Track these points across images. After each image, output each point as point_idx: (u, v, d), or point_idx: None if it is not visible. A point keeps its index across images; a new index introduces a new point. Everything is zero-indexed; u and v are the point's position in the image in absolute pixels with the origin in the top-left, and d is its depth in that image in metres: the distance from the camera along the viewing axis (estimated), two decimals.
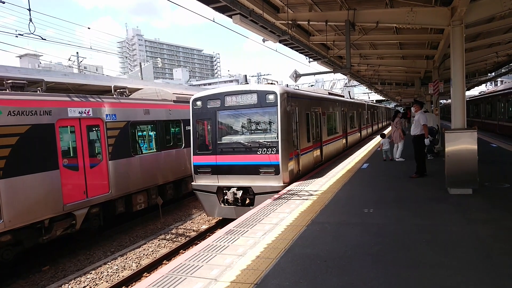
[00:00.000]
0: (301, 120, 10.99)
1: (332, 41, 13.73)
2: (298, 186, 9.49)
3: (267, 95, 9.60)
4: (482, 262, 4.30)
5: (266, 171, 9.55)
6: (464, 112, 7.90)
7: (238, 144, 9.95)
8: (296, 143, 10.43)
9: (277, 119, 9.52)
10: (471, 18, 7.94)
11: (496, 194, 7.52)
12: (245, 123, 10.43)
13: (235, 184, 9.84)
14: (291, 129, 10.01)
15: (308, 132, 11.71)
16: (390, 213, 6.53)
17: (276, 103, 9.47)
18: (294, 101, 10.46)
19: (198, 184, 10.48)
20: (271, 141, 9.52)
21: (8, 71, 11.48)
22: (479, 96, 30.40)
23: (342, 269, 4.34)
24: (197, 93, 10.79)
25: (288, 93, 9.96)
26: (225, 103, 10.11)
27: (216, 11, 8.62)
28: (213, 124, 10.27)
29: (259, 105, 9.71)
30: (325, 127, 14.15)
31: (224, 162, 10.02)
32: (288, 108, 9.82)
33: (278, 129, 9.45)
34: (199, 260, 4.92)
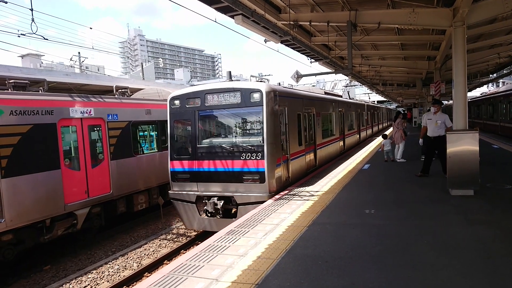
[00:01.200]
0: (292, 122, 10.05)
1: (333, 41, 13.75)
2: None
3: (251, 94, 8.64)
4: (484, 263, 4.29)
5: (250, 178, 8.62)
6: (466, 113, 7.91)
7: (220, 148, 8.99)
8: (286, 147, 9.50)
9: (262, 121, 8.56)
10: (473, 19, 7.94)
11: (497, 195, 7.50)
12: (228, 124, 9.52)
13: (216, 193, 8.95)
14: (279, 131, 9.13)
15: (299, 134, 10.77)
16: (392, 214, 6.53)
17: (261, 103, 8.54)
18: (283, 101, 9.52)
19: (176, 192, 9.52)
20: (256, 145, 8.59)
21: (10, 71, 11.52)
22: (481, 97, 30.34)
23: (343, 270, 4.33)
24: (175, 91, 9.81)
25: (276, 92, 9.00)
26: (206, 102, 9.14)
27: (218, 12, 8.67)
28: (193, 126, 9.28)
29: (243, 105, 8.76)
30: (319, 129, 13.20)
31: (204, 168, 9.07)
32: (276, 108, 8.92)
33: (264, 131, 8.51)
34: (200, 260, 4.92)
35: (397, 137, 13.18)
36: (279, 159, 8.99)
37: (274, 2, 9.70)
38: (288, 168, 9.68)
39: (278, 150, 8.96)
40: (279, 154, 9.00)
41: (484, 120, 27.61)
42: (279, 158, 8.98)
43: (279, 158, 8.99)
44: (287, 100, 9.79)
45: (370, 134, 29.21)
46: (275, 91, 8.93)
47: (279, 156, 8.99)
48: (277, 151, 8.85)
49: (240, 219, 6.91)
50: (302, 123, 11.09)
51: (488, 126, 25.80)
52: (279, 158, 8.99)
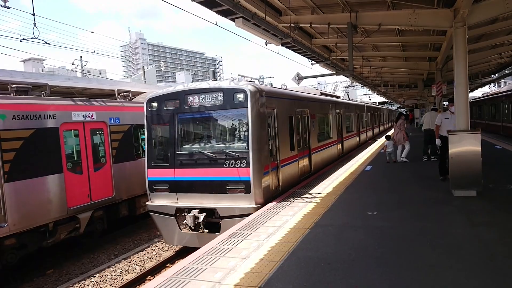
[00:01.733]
0: (282, 125, 9.30)
1: (334, 43, 13.76)
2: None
3: (235, 94, 7.90)
4: (486, 265, 4.28)
5: (234, 188, 7.87)
6: (468, 114, 7.87)
7: (201, 155, 8.20)
8: (275, 153, 8.76)
9: (247, 124, 7.80)
10: (474, 19, 7.93)
11: (500, 196, 7.48)
12: (210, 129, 8.80)
13: (197, 204, 8.15)
14: (267, 136, 8.34)
15: (291, 138, 10.02)
16: (394, 216, 6.51)
17: (246, 104, 7.78)
18: (272, 102, 8.76)
19: (154, 205, 8.69)
20: (241, 152, 7.86)
21: (12, 76, 11.56)
22: (483, 98, 30.29)
23: (346, 272, 4.32)
24: (153, 92, 9.10)
25: (263, 92, 8.23)
26: (186, 104, 8.37)
27: (219, 15, 8.68)
28: (171, 130, 8.53)
29: (226, 107, 8.05)
30: (314, 132, 12.43)
31: (184, 177, 8.31)
32: (263, 110, 8.17)
33: (249, 136, 7.76)
34: (203, 263, 4.92)
35: (399, 137, 13.20)
36: (267, 166, 8.21)
37: (275, 5, 9.72)
38: (278, 176, 8.92)
39: (266, 156, 8.18)
40: (267, 161, 8.22)
41: (486, 121, 27.54)
42: (267, 165, 8.18)
43: (267, 165, 8.21)
44: (276, 101, 9.06)
45: (370, 136, 28.51)
46: (261, 91, 8.17)
47: (267, 163, 8.21)
48: (264, 158, 8.08)
49: (243, 221, 6.88)
50: (294, 126, 10.37)
51: (490, 127, 25.73)
52: (267, 165, 8.21)
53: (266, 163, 8.13)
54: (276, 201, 8.18)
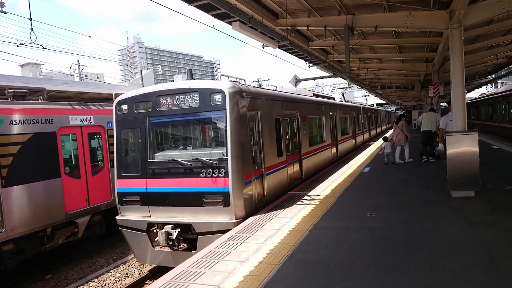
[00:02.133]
0: (268, 129, 8.57)
1: (331, 45, 13.83)
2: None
3: (212, 95, 7.17)
4: (485, 265, 4.28)
5: (212, 201, 7.11)
6: (465, 115, 7.91)
7: (175, 163, 7.40)
8: (260, 160, 7.98)
9: (226, 129, 7.06)
10: (470, 20, 7.98)
11: (498, 196, 7.49)
12: (185, 134, 8.15)
13: (170, 219, 7.36)
14: (250, 141, 7.58)
15: (279, 143, 9.27)
16: (393, 217, 6.52)
17: (224, 106, 7.06)
18: (256, 104, 8.06)
19: (124, 219, 7.85)
20: (218, 159, 7.10)
21: (9, 80, 11.56)
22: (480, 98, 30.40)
23: (345, 274, 4.32)
24: (123, 94, 8.26)
25: (243, 93, 7.50)
26: (158, 106, 7.63)
27: (216, 18, 8.72)
28: (143, 136, 7.76)
29: (202, 109, 7.29)
30: (306, 135, 11.70)
31: (157, 189, 7.53)
32: (245, 112, 7.44)
33: (228, 142, 7.00)
34: (202, 267, 4.91)
35: (399, 139, 13.22)
36: (250, 175, 7.43)
37: (271, 8, 9.75)
38: (263, 185, 8.09)
39: (248, 164, 7.40)
40: (250, 169, 7.45)
41: (483, 121, 27.64)
42: (249, 174, 7.41)
43: (250, 174, 7.43)
44: (260, 102, 8.34)
45: (367, 138, 27.86)
46: (242, 92, 7.47)
47: (250, 171, 7.44)
48: (246, 166, 7.31)
49: (242, 224, 6.84)
50: (282, 129, 9.64)
51: (487, 127, 25.82)
52: (250, 174, 7.43)
53: (248, 172, 7.36)
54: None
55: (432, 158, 12.80)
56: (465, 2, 7.26)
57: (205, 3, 7.86)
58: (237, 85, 7.60)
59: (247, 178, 7.30)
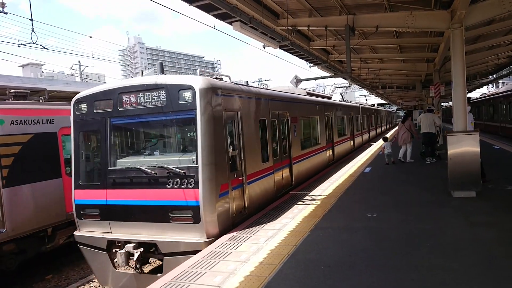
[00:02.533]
0: (250, 131, 7.67)
1: (332, 46, 13.81)
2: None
3: (180, 92, 6.23)
4: (486, 266, 4.27)
5: (179, 216, 6.19)
6: (466, 115, 7.89)
7: (138, 171, 6.46)
8: (240, 167, 7.09)
9: (196, 131, 6.14)
10: (471, 20, 7.96)
11: (499, 196, 7.48)
12: (150, 137, 7.19)
13: (133, 237, 6.41)
14: (226, 146, 6.62)
15: (264, 147, 8.42)
16: (393, 217, 6.51)
17: (194, 105, 6.12)
18: (234, 102, 7.16)
19: (82, 235, 6.94)
20: (187, 168, 6.14)
21: (10, 81, 11.57)
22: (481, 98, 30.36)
23: (346, 274, 4.31)
24: (82, 92, 7.28)
25: (218, 89, 6.55)
26: (120, 105, 6.68)
27: (216, 18, 8.72)
28: (103, 140, 6.84)
29: (170, 108, 6.33)
30: (297, 138, 10.81)
31: (118, 201, 6.62)
32: (219, 112, 6.50)
33: (198, 147, 6.07)
34: (202, 267, 4.90)
35: (405, 138, 13.28)
36: (226, 185, 6.51)
37: (272, 8, 9.74)
38: (243, 196, 7.20)
39: (224, 172, 6.46)
40: (226, 178, 6.50)
41: (484, 121, 27.60)
42: (225, 184, 6.47)
43: (226, 184, 6.51)
44: (241, 101, 7.43)
45: (366, 139, 26.80)
46: (216, 89, 6.52)
47: (226, 180, 6.50)
48: (221, 174, 6.37)
49: (243, 225, 6.83)
50: (268, 132, 8.70)
51: (488, 127, 25.78)
52: (226, 184, 6.51)
53: (223, 181, 6.41)
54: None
55: (433, 159, 12.79)
56: (466, 2, 7.24)
57: (205, 3, 7.85)
58: (211, 80, 6.65)
59: (223, 189, 6.37)
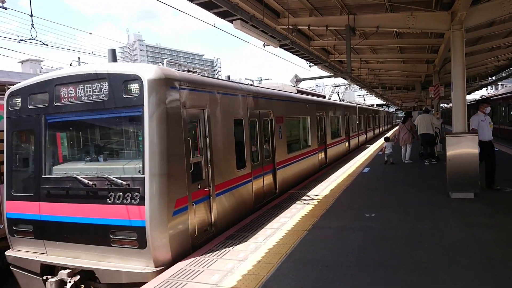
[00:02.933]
0: (222, 133, 6.60)
1: (332, 45, 13.80)
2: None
3: (125, 84, 5.07)
4: (484, 267, 4.28)
5: (122, 239, 5.05)
6: (465, 116, 7.91)
7: (75, 181, 5.34)
8: (206, 176, 6.01)
9: (143, 133, 4.99)
10: (471, 22, 7.97)
11: (498, 198, 7.50)
12: (91, 139, 6.02)
13: (70, 262, 5.27)
14: (186, 150, 5.40)
15: (240, 152, 7.36)
16: (392, 218, 6.51)
17: (141, 100, 4.98)
18: (199, 98, 5.99)
19: (14, 256, 5.84)
20: (132, 178, 5.04)
21: (10, 76, 11.53)
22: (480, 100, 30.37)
23: (343, 274, 4.31)
24: (18, 83, 6.16)
25: (175, 81, 5.38)
26: (57, 99, 5.54)
27: (217, 17, 8.69)
28: (37, 141, 5.75)
29: (113, 104, 5.16)
30: (282, 140, 9.73)
31: (53, 217, 5.50)
32: (177, 109, 5.31)
33: (146, 153, 4.94)
34: (200, 265, 4.90)
35: (405, 138, 13.37)
36: (185, 198, 5.33)
37: (273, 7, 9.73)
38: (210, 211, 6.08)
39: (181, 183, 5.29)
40: (184, 190, 5.34)
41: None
42: (183, 198, 5.29)
43: (184, 198, 5.32)
44: (209, 97, 6.27)
45: (363, 141, 25.68)
46: (172, 80, 5.33)
47: (184, 193, 5.33)
48: (177, 186, 5.20)
49: (241, 223, 6.83)
50: (246, 134, 7.65)
51: None
52: (184, 198, 5.32)
53: (180, 195, 5.25)
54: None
55: (433, 160, 12.81)
56: (467, 4, 7.25)
57: (206, 1, 7.83)
58: (165, 70, 5.43)
59: (179, 204, 5.21)
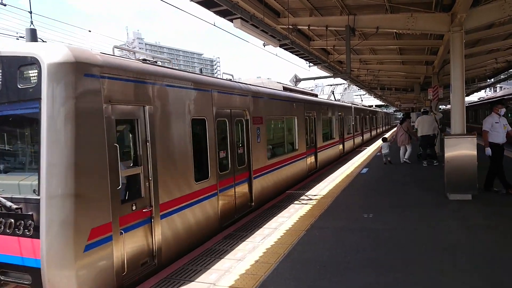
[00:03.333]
0: (173, 136, 5.40)
1: (332, 46, 13.80)
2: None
3: (22, 70, 3.93)
4: (481, 268, 4.28)
5: (14, 282, 3.97)
6: (464, 118, 7.92)
7: None
8: (146, 192, 4.79)
9: (40, 138, 3.78)
10: (471, 24, 7.98)
11: (495, 200, 7.51)
12: None
13: None
14: (111, 160, 4.14)
15: (201, 160, 6.16)
16: (390, 218, 6.52)
17: (38, 92, 3.81)
18: (135, 91, 4.71)
19: None
20: (25, 200, 3.89)
21: None
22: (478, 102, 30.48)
23: (341, 274, 4.31)
24: None
25: (94, 68, 4.10)
26: None
27: (217, 15, 8.68)
28: None
29: (5, 97, 4.04)
30: (261, 144, 8.60)
31: None
32: (95, 104, 4.05)
33: (43, 165, 3.73)
34: (198, 265, 4.90)
35: (403, 139, 13.57)
36: (107, 226, 4.07)
37: (273, 6, 9.72)
38: (152, 237, 4.85)
39: (101, 205, 4.02)
40: (107, 215, 4.07)
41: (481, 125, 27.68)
42: (104, 226, 4.02)
43: (107, 225, 4.07)
44: (154, 90, 5.00)
45: (359, 143, 24.43)
46: (89, 65, 4.05)
47: (106, 219, 4.06)
48: (93, 210, 3.93)
49: (239, 223, 6.83)
50: (210, 136, 6.38)
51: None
52: (107, 225, 4.07)
53: (98, 222, 3.96)
54: None
55: (435, 161, 12.84)
56: (467, 5, 7.25)
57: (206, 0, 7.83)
58: (77, 51, 4.07)
59: (95, 235, 3.91)
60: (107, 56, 4.63)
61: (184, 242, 5.51)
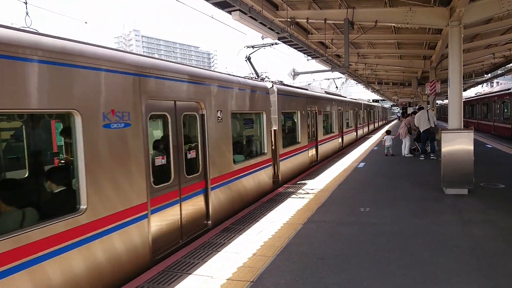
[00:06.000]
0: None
1: (330, 39, 13.77)
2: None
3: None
4: (478, 262, 4.32)
5: None
6: (461, 113, 7.94)
7: None
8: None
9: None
10: (470, 18, 7.98)
11: (491, 194, 7.57)
12: None
13: None
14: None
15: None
16: (386, 213, 6.55)
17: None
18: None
19: None
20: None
21: None
22: (475, 97, 30.58)
23: (338, 268, 4.34)
24: None
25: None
26: None
27: (215, 7, 8.61)
28: None
29: None
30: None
31: None
32: None
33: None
34: (196, 258, 4.91)
35: (401, 132, 14.05)
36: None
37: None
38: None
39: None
40: None
41: (478, 120, 27.82)
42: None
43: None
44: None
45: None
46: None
47: None
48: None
49: (236, 216, 6.86)
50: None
51: (482, 126, 26.01)
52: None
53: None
54: None
55: (432, 155, 12.92)
56: (466, 0, 7.24)
57: None
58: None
59: None
60: None
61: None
